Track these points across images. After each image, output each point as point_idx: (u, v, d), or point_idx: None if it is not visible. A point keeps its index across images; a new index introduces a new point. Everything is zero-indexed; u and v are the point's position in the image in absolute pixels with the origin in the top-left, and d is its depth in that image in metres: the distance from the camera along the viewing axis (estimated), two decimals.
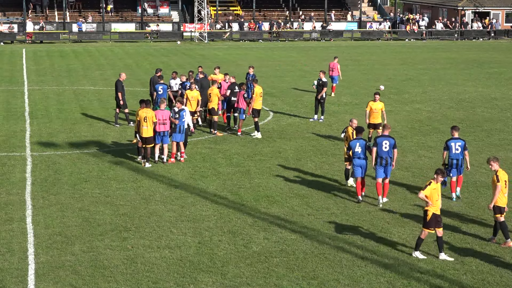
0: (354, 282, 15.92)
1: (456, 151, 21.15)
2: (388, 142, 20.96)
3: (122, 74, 32.10)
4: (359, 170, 21.17)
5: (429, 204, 17.15)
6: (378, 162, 20.95)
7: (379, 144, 20.93)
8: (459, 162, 21.23)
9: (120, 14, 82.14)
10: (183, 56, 60.59)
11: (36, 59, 57.27)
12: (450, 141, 21.28)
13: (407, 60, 58.74)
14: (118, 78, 31.69)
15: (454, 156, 21.18)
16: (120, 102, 31.02)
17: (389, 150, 20.95)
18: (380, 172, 20.99)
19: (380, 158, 20.92)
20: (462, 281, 16.07)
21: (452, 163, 21.23)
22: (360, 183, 21.31)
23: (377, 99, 27.50)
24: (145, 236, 18.51)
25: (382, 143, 20.94)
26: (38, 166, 24.99)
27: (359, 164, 21.11)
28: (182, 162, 25.56)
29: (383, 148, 20.91)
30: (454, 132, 21.46)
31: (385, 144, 20.92)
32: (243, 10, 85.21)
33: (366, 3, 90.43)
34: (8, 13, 79.47)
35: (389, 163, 21.00)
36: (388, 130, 21.36)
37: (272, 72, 49.56)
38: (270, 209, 20.70)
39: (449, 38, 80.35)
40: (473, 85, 44.99)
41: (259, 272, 16.37)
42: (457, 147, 21.15)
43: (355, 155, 21.13)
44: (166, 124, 25.06)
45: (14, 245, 17.78)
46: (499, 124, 32.90)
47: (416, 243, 17.44)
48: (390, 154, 21.00)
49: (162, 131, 25.04)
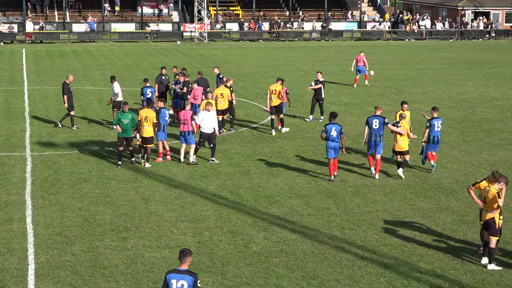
0: (354, 282, 15.91)
1: (437, 129, 24.11)
2: (378, 120, 23.51)
3: (69, 76, 31.78)
4: (332, 152, 23.13)
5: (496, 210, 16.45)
6: (369, 139, 23.62)
7: (370, 122, 23.57)
8: (439, 138, 24.25)
9: (120, 14, 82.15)
10: (182, 56, 60.58)
11: (36, 59, 57.27)
12: (433, 120, 24.18)
13: (407, 60, 58.74)
14: (65, 80, 31.29)
15: (435, 134, 24.15)
16: (65, 104, 30.81)
17: (379, 128, 23.50)
18: (370, 148, 23.69)
19: (370, 135, 23.58)
20: (462, 281, 16.07)
21: (434, 140, 24.13)
22: (332, 164, 23.31)
23: (404, 109, 25.12)
24: (145, 236, 18.51)
25: (372, 121, 23.52)
26: (38, 166, 25.00)
27: (333, 146, 23.07)
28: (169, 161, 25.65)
29: (374, 126, 23.47)
30: (434, 113, 24.39)
31: (375, 122, 23.44)
32: (243, 10, 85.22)
33: (366, 3, 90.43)
34: (8, 13, 79.45)
35: (378, 140, 23.53)
36: (380, 110, 23.89)
37: (272, 72, 49.54)
38: (270, 209, 20.70)
39: (449, 38, 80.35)
40: (473, 85, 44.99)
41: (259, 272, 16.37)
42: (439, 125, 24.21)
43: (330, 138, 22.98)
44: (187, 124, 25.22)
45: (14, 245, 17.78)
46: (499, 124, 32.90)
47: (490, 254, 16.59)
48: (381, 131, 23.54)
49: (185, 131, 25.25)
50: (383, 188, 22.83)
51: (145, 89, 30.81)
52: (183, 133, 25.24)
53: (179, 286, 11.86)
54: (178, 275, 11.93)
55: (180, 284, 11.88)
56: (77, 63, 54.90)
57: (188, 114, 25.31)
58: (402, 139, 23.48)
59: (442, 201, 21.63)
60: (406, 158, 23.79)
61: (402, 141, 23.51)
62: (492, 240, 16.56)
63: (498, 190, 16.45)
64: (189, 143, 25.31)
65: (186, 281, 11.87)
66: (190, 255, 12.06)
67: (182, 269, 12.02)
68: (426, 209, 20.92)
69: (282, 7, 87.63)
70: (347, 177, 24.06)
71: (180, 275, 11.93)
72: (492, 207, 16.41)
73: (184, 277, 11.90)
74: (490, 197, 16.39)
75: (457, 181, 23.65)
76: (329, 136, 22.96)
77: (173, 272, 12.00)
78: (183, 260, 12.07)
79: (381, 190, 22.61)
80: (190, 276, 11.91)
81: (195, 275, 12.01)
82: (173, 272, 12.00)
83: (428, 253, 17.59)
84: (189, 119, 25.24)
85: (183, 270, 12.00)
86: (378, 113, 23.71)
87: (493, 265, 16.66)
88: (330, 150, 23.10)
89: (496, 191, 16.41)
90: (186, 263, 12.08)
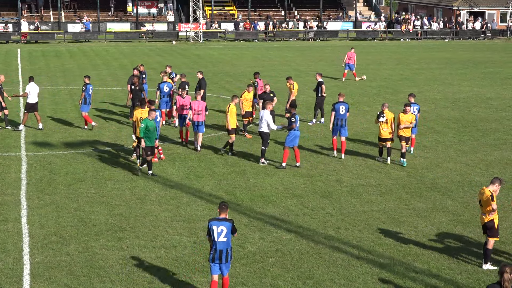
0: (350, 282, 15.92)
1: (412, 114, 25.84)
2: (344, 106, 26.15)
3: (0, 76, 31.77)
4: (296, 141, 24.75)
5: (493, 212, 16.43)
6: (335, 123, 26.10)
7: (336, 108, 26.10)
8: (416, 122, 26.24)
9: (115, 14, 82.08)
10: (178, 56, 60.54)
11: (31, 59, 57.18)
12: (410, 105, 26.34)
13: (402, 60, 58.80)
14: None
15: None
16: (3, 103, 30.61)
17: (345, 113, 26.12)
18: (335, 132, 26.28)
19: (337, 120, 26.06)
20: (457, 280, 16.09)
21: None
22: (288, 152, 24.82)
23: (408, 111, 25.41)
24: (141, 236, 18.49)
25: (339, 107, 26.07)
26: (33, 166, 24.96)
27: (298, 135, 24.81)
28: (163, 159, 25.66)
29: (340, 111, 26.04)
30: (411, 98, 26.84)
31: (341, 108, 26.08)
32: (238, 10, 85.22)
33: (361, 3, 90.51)
34: (3, 13, 79.32)
35: (343, 124, 26.12)
36: (343, 97, 26.86)
37: (268, 72, 49.55)
38: (265, 209, 20.70)
39: (444, 38, 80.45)
40: (468, 85, 45.05)
41: (254, 272, 16.37)
42: (414, 109, 26.55)
43: (296, 128, 24.66)
44: (201, 115, 26.77)
45: (9, 246, 17.75)
46: (494, 124, 32.95)
47: (486, 254, 16.64)
48: (345, 116, 26.19)
49: (197, 121, 26.78)
50: (378, 188, 22.85)
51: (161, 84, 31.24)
52: (196, 122, 26.84)
53: (219, 230, 14.43)
54: (218, 222, 14.46)
55: (220, 229, 14.43)
56: (72, 63, 54.82)
57: (202, 105, 26.98)
58: (386, 127, 25.48)
59: (438, 201, 21.65)
60: (387, 145, 25.55)
61: (384, 130, 25.51)
62: (490, 241, 16.57)
63: (492, 193, 16.40)
64: (199, 132, 26.95)
65: (225, 226, 14.42)
66: (227, 207, 14.65)
67: (221, 217, 14.54)
68: (422, 209, 20.94)
69: (277, 7, 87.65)
70: (342, 177, 24.08)
71: (220, 222, 14.46)
72: (487, 210, 16.42)
73: (223, 223, 14.45)
74: (484, 199, 16.40)
75: (452, 181, 23.68)
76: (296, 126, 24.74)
77: (214, 220, 14.52)
78: (222, 211, 14.57)
79: (377, 190, 22.63)
80: (227, 222, 14.49)
81: (232, 220, 14.61)
82: (214, 220, 14.52)
83: (424, 252, 17.61)
84: (203, 110, 26.98)
85: (222, 218, 14.53)
86: (342, 100, 26.52)
87: (488, 265, 16.69)
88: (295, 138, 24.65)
89: (490, 193, 16.36)
90: (225, 214, 14.59)
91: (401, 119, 25.26)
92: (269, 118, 25.26)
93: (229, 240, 14.47)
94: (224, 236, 14.42)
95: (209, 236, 14.54)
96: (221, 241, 14.43)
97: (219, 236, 14.44)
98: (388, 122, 25.35)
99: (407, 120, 25.32)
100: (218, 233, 14.41)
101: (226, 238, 14.43)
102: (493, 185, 16.51)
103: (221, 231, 14.40)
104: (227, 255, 14.50)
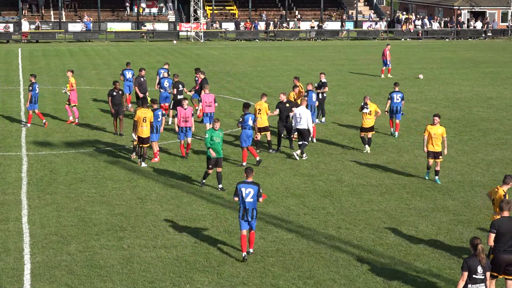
0: (350, 282, 15.91)
1: (396, 101, 29.19)
2: (399, 95, 29.16)
3: None
4: (250, 140, 24.81)
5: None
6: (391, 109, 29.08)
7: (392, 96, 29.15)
8: (398, 109, 29.33)
9: (116, 14, 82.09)
10: (179, 56, 60.54)
11: (31, 59, 57.19)
12: (393, 93, 29.44)
13: (403, 60, 58.77)
14: None
15: (395, 104, 29.32)
16: None
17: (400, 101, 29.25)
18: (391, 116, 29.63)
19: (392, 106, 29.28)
20: (458, 280, 16.03)
21: (393, 109, 29.41)
22: (246, 151, 24.94)
23: (436, 122, 22.81)
24: (141, 235, 18.49)
25: (395, 96, 29.21)
26: (34, 165, 24.96)
27: (251, 135, 24.85)
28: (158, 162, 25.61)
29: (395, 100, 29.14)
30: (395, 87, 29.71)
31: (397, 96, 29.16)
32: (239, 9, 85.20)
33: (362, 2, 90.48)
34: (3, 13, 79.32)
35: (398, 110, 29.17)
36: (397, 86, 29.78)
37: (269, 72, 49.54)
38: (266, 209, 20.69)
39: (445, 38, 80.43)
40: (469, 85, 45.03)
41: (255, 272, 16.37)
42: (397, 97, 29.29)
43: (247, 127, 24.75)
44: (211, 106, 28.31)
45: (9, 245, 17.75)
46: (495, 124, 32.94)
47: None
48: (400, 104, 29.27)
49: (209, 112, 28.24)
50: (379, 188, 22.84)
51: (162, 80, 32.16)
52: (208, 114, 28.12)
53: (247, 192, 16.47)
54: (246, 185, 16.53)
55: (248, 191, 16.47)
56: (73, 63, 54.80)
57: (211, 98, 28.26)
58: (369, 117, 26.54)
59: (438, 201, 21.65)
60: (369, 135, 26.85)
61: (367, 121, 26.58)
62: None
63: (505, 192, 16.34)
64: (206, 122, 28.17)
65: (252, 189, 16.46)
66: (253, 171, 16.76)
67: (249, 181, 16.60)
68: (422, 208, 20.93)
69: (278, 7, 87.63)
70: (343, 176, 24.07)
71: (247, 185, 16.53)
72: None
73: (250, 186, 16.51)
74: (497, 198, 16.34)
75: (453, 181, 23.67)
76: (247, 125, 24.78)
77: (243, 183, 16.56)
78: (249, 175, 16.64)
79: (377, 190, 22.63)
80: (254, 185, 16.55)
81: (258, 184, 16.64)
82: (243, 183, 16.56)
83: (424, 252, 17.61)
84: (213, 102, 28.22)
85: (249, 182, 16.59)
86: (397, 89, 29.57)
87: None
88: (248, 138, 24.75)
89: (504, 193, 16.30)
90: (251, 177, 16.66)
91: (430, 131, 22.79)
92: (308, 115, 26.11)
93: (255, 201, 16.49)
94: (251, 197, 16.48)
95: (236, 197, 16.62)
96: (248, 201, 16.47)
97: (247, 196, 16.48)
98: (372, 113, 26.52)
99: (436, 133, 22.72)
100: (246, 194, 16.47)
101: (253, 199, 16.49)
102: (506, 185, 16.44)
103: (249, 192, 16.45)
104: (253, 213, 16.54)
